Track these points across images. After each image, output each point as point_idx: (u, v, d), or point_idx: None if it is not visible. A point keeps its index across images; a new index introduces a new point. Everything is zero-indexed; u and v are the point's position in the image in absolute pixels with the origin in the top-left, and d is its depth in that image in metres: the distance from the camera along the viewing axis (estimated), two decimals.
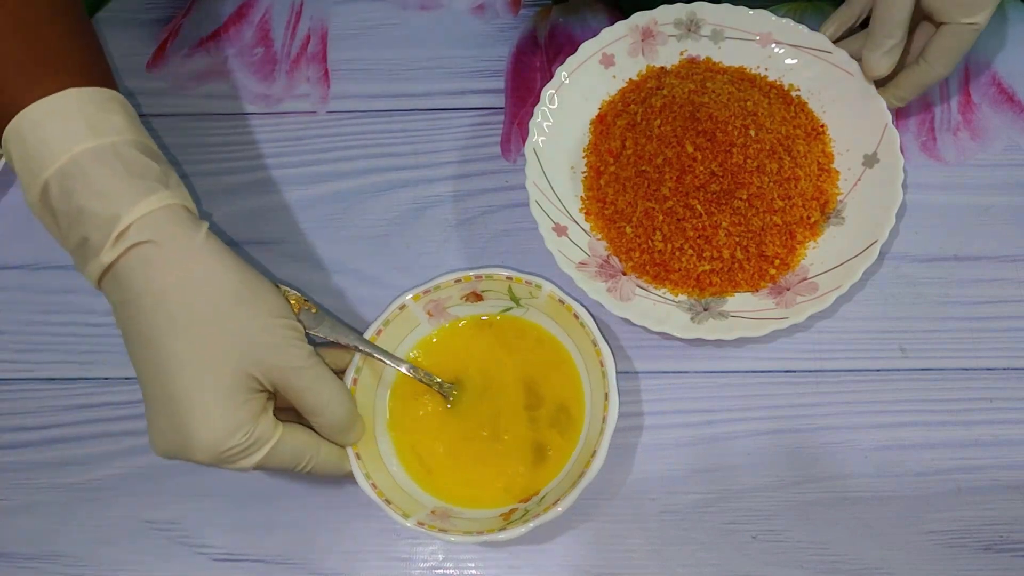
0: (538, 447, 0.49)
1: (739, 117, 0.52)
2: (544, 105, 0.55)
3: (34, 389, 0.54)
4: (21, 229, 0.58)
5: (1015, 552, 0.48)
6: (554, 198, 0.53)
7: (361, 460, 0.47)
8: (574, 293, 0.50)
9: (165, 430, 0.41)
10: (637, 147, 0.52)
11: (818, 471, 0.50)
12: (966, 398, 0.51)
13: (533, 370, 0.51)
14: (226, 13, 0.63)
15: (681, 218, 0.51)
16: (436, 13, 0.63)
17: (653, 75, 0.57)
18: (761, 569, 0.48)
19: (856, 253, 0.50)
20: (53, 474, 0.52)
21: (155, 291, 0.41)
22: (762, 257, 0.51)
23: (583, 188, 0.55)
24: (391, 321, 0.50)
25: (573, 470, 0.47)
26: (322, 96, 0.61)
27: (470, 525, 0.46)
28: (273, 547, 0.50)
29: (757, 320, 0.49)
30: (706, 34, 0.57)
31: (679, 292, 0.52)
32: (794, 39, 0.56)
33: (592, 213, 0.54)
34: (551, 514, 0.44)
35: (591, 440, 0.47)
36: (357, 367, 0.49)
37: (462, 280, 0.50)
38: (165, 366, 0.41)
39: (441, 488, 0.49)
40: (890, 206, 0.51)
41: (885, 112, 0.53)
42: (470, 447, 0.49)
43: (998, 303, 0.53)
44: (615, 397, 0.47)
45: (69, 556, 0.50)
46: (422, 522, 0.46)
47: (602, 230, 0.53)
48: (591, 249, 0.53)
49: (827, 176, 0.54)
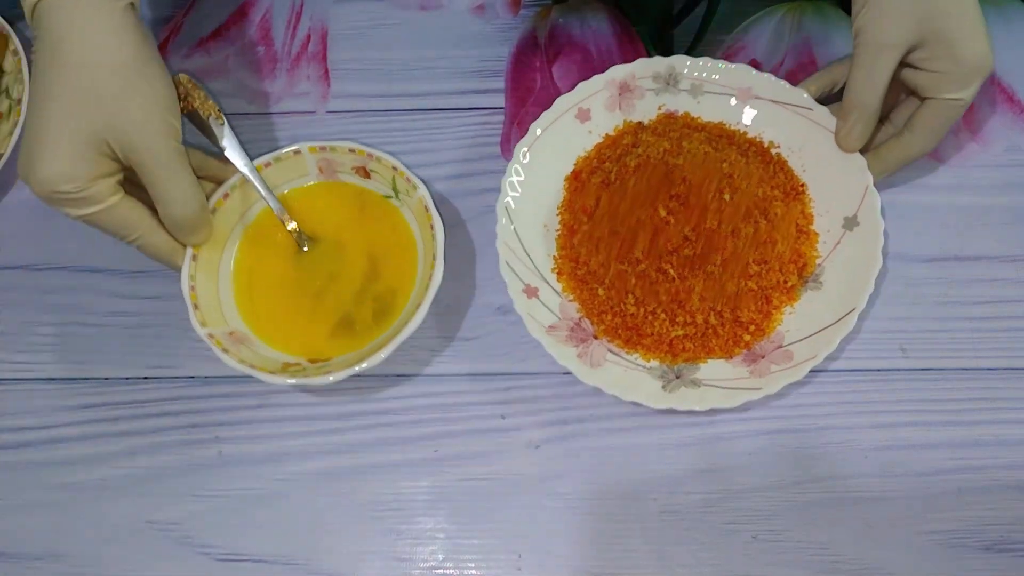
0: (348, 320, 0.51)
1: (714, 180, 0.50)
2: (517, 162, 0.54)
3: (34, 389, 0.54)
4: (21, 229, 0.58)
5: (1016, 552, 0.48)
6: (525, 258, 0.52)
7: (196, 262, 0.51)
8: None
9: (23, 155, 0.46)
10: (611, 206, 0.51)
11: (818, 471, 0.50)
12: (966, 398, 0.51)
13: (382, 252, 0.53)
14: (227, 12, 0.63)
15: (654, 281, 0.50)
16: (436, 13, 0.63)
17: (630, 131, 0.56)
18: (761, 569, 0.48)
19: (833, 321, 0.49)
20: (54, 474, 0.52)
21: (56, 36, 0.45)
22: (736, 323, 0.50)
23: (556, 247, 0.53)
24: (282, 160, 0.54)
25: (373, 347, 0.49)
26: (322, 95, 0.61)
27: (254, 358, 0.49)
28: (275, 547, 0.50)
29: (730, 390, 0.48)
30: (685, 88, 0.56)
31: (651, 357, 0.50)
32: (775, 94, 0.55)
33: (564, 273, 0.53)
34: (372, 360, 0.47)
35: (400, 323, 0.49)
36: (232, 186, 0.53)
37: (356, 152, 0.53)
38: (40, 101, 0.45)
39: (252, 316, 0.52)
40: (869, 272, 0.49)
41: (867, 173, 0.52)
42: (293, 292, 0.53)
43: (998, 303, 0.53)
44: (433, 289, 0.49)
45: (71, 556, 0.50)
46: (212, 335, 0.49)
47: (574, 291, 0.52)
48: (562, 311, 0.52)
49: (806, 238, 0.53)
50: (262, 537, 0.50)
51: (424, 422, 0.52)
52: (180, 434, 0.52)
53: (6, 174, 0.58)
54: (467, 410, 0.52)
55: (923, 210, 0.55)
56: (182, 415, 0.53)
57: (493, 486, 0.50)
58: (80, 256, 0.57)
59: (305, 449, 0.52)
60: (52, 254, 0.57)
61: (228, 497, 0.51)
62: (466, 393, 0.52)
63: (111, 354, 0.54)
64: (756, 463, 0.50)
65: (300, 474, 0.51)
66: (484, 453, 0.51)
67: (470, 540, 0.49)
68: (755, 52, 0.60)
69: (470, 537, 0.50)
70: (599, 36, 0.60)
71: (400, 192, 0.53)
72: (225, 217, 0.53)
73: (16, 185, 0.60)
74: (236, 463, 0.52)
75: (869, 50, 0.48)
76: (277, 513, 0.50)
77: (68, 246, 0.57)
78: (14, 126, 0.57)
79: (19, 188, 0.60)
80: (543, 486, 0.50)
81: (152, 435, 0.52)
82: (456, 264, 0.55)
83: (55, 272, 0.57)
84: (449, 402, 0.52)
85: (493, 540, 0.49)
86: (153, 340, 0.55)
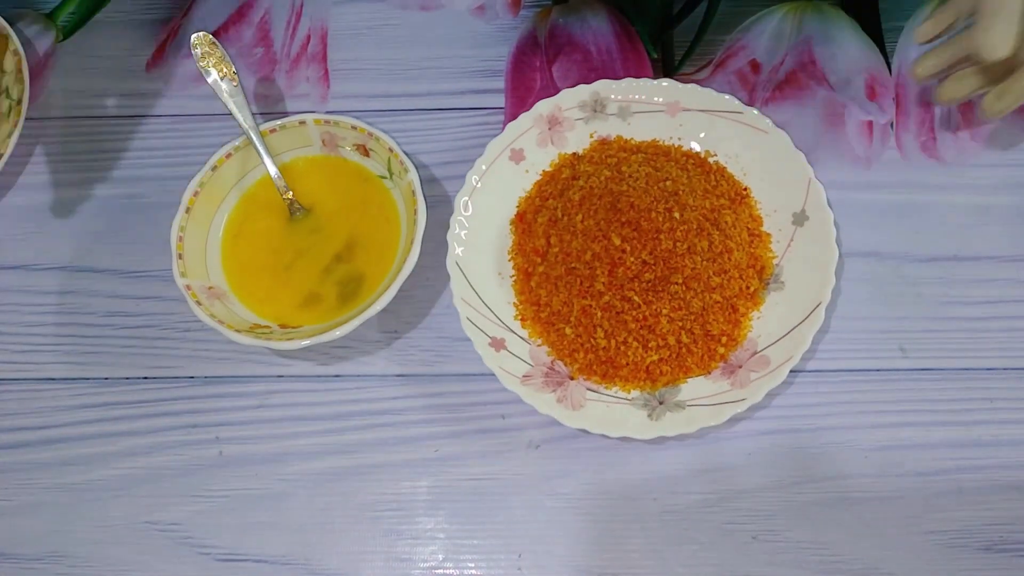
0: (314, 296, 0.53)
1: (660, 201, 0.50)
2: (459, 214, 0.53)
3: (34, 389, 0.54)
4: (21, 229, 0.58)
5: (1015, 552, 0.48)
6: (486, 310, 0.52)
7: (188, 214, 0.53)
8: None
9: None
10: (563, 244, 0.51)
11: (818, 471, 0.50)
12: (966, 398, 0.51)
13: (364, 234, 0.54)
14: (226, 13, 0.63)
15: (620, 311, 0.49)
16: (436, 13, 0.63)
17: (566, 163, 0.55)
18: (761, 569, 0.48)
19: (802, 319, 0.49)
20: (54, 475, 0.52)
21: None
22: (708, 337, 0.50)
23: (514, 293, 0.53)
24: (287, 128, 0.55)
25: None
26: (322, 96, 0.61)
27: (225, 315, 0.51)
28: (275, 547, 0.50)
29: (715, 406, 0.48)
30: (613, 112, 0.56)
31: (631, 388, 0.50)
32: (703, 103, 0.55)
33: (528, 318, 0.52)
34: (328, 335, 0.49)
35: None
36: (236, 147, 0.55)
37: (357, 129, 0.54)
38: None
39: (234, 274, 0.54)
40: (827, 264, 0.50)
41: (807, 167, 0.52)
42: (273, 259, 0.54)
43: (998, 303, 0.53)
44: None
45: (72, 557, 0.50)
46: (190, 286, 0.51)
47: (541, 334, 0.52)
48: (533, 358, 0.51)
49: (759, 241, 0.53)
50: (262, 537, 0.50)
51: (424, 422, 0.52)
52: (180, 434, 0.52)
53: (6, 175, 0.59)
54: (467, 410, 0.52)
55: (923, 210, 0.55)
56: (182, 415, 0.53)
57: (493, 486, 0.50)
58: (80, 256, 0.57)
59: (305, 449, 0.52)
60: (52, 254, 0.57)
61: (228, 497, 0.51)
62: (466, 393, 0.52)
63: (111, 354, 0.54)
64: (756, 463, 0.50)
65: (300, 474, 0.51)
66: (484, 453, 0.51)
67: (470, 540, 0.49)
68: (755, 52, 0.60)
69: (470, 537, 0.50)
70: (599, 36, 0.60)
71: (394, 174, 0.54)
72: (225, 176, 0.55)
73: (16, 186, 0.60)
74: (236, 463, 0.52)
75: None
76: (277, 513, 0.50)
77: (68, 246, 0.57)
78: (14, 126, 0.57)
79: (19, 189, 0.60)
80: (543, 486, 0.50)
81: (152, 435, 0.52)
82: None
83: (55, 272, 0.57)
84: (449, 402, 0.52)
85: (493, 540, 0.49)
86: (153, 340, 0.55)
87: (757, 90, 0.58)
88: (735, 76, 0.59)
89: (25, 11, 0.63)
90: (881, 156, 0.57)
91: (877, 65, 0.59)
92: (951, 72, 0.51)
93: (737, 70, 0.59)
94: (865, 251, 0.54)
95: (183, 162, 0.59)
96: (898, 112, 0.57)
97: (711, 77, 0.59)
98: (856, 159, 0.57)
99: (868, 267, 0.54)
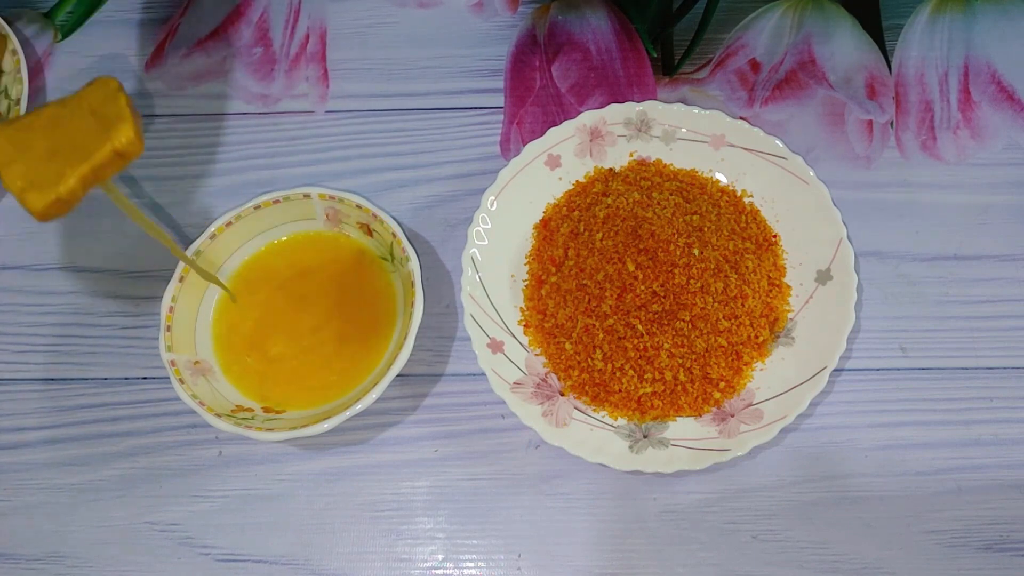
0: (301, 377, 0.51)
1: (683, 235, 0.50)
2: (484, 210, 0.52)
3: (34, 389, 0.54)
4: (21, 229, 0.58)
5: (1016, 552, 0.48)
6: (491, 310, 0.51)
7: (181, 284, 0.51)
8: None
9: None
10: (579, 259, 0.50)
11: (818, 471, 0.50)
12: (966, 398, 0.51)
13: (356, 326, 0.52)
14: (224, 13, 0.63)
15: (622, 336, 0.49)
16: (435, 11, 0.63)
17: (601, 178, 0.55)
18: (761, 569, 0.48)
19: (804, 379, 0.48)
20: (54, 475, 0.52)
21: None
22: (706, 379, 0.49)
23: (523, 298, 0.52)
24: (291, 199, 0.53)
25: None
26: (321, 96, 0.61)
27: (207, 395, 0.49)
28: (275, 548, 0.50)
29: (698, 451, 0.47)
30: (657, 135, 0.55)
31: (619, 415, 0.49)
32: (748, 142, 0.54)
33: (532, 326, 0.52)
34: (307, 430, 0.47)
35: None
36: (237, 215, 0.53)
37: (362, 209, 0.52)
38: None
39: (223, 350, 0.52)
40: (842, 329, 0.49)
41: (841, 226, 0.51)
42: (263, 335, 0.52)
43: (998, 302, 0.53)
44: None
45: (71, 557, 0.50)
46: (175, 362, 0.49)
47: (541, 344, 0.51)
48: (528, 366, 0.51)
49: (778, 292, 0.51)
50: (262, 537, 0.50)
51: (424, 422, 0.52)
52: (180, 434, 0.52)
53: None
54: (467, 410, 0.52)
55: (923, 209, 0.55)
56: (182, 415, 0.53)
57: (493, 486, 0.50)
58: (79, 256, 0.57)
59: (305, 449, 0.52)
60: (52, 254, 0.57)
61: (228, 497, 0.51)
62: (466, 393, 0.52)
63: (111, 354, 0.54)
64: (756, 463, 0.50)
65: (300, 474, 0.51)
66: (484, 453, 0.51)
67: (470, 540, 0.50)
68: (755, 50, 0.60)
69: (470, 537, 0.50)
70: (599, 35, 0.60)
71: (396, 259, 0.52)
72: (223, 244, 0.53)
73: None
74: (236, 463, 0.52)
75: None
76: (277, 513, 0.50)
77: (67, 246, 0.57)
78: None
79: None
80: (543, 486, 0.50)
81: (152, 435, 0.52)
82: (456, 263, 0.55)
83: (54, 272, 0.57)
84: (449, 402, 0.52)
85: (493, 540, 0.49)
86: (152, 340, 0.55)
87: (757, 89, 0.58)
88: (735, 75, 0.59)
89: (23, 10, 0.63)
90: (881, 155, 0.57)
91: (877, 64, 0.59)
92: None
93: (737, 69, 0.59)
94: (865, 251, 0.54)
95: (183, 162, 0.59)
96: (898, 111, 0.57)
97: (711, 76, 0.59)
98: (856, 158, 0.57)
99: (868, 267, 0.54)
